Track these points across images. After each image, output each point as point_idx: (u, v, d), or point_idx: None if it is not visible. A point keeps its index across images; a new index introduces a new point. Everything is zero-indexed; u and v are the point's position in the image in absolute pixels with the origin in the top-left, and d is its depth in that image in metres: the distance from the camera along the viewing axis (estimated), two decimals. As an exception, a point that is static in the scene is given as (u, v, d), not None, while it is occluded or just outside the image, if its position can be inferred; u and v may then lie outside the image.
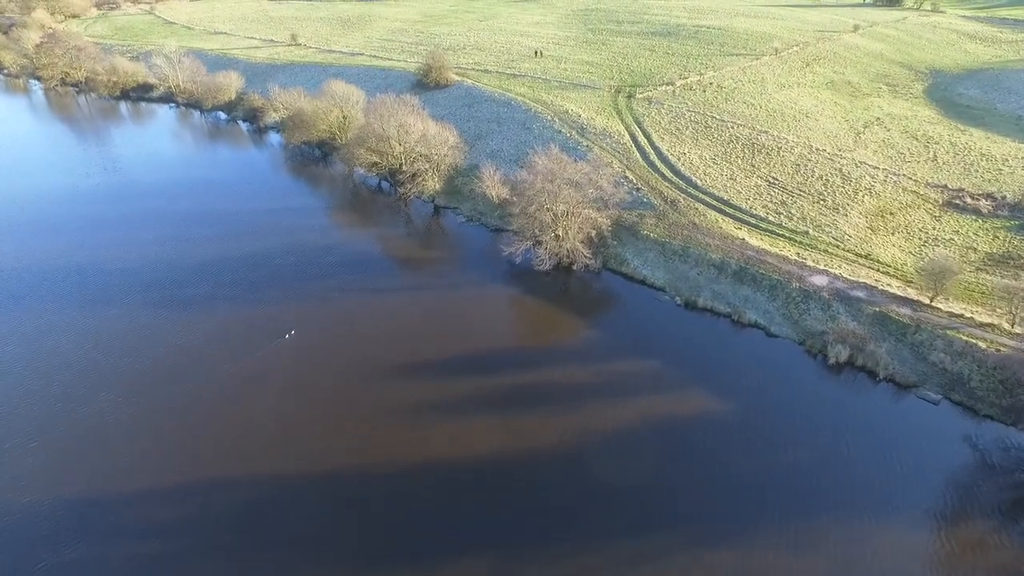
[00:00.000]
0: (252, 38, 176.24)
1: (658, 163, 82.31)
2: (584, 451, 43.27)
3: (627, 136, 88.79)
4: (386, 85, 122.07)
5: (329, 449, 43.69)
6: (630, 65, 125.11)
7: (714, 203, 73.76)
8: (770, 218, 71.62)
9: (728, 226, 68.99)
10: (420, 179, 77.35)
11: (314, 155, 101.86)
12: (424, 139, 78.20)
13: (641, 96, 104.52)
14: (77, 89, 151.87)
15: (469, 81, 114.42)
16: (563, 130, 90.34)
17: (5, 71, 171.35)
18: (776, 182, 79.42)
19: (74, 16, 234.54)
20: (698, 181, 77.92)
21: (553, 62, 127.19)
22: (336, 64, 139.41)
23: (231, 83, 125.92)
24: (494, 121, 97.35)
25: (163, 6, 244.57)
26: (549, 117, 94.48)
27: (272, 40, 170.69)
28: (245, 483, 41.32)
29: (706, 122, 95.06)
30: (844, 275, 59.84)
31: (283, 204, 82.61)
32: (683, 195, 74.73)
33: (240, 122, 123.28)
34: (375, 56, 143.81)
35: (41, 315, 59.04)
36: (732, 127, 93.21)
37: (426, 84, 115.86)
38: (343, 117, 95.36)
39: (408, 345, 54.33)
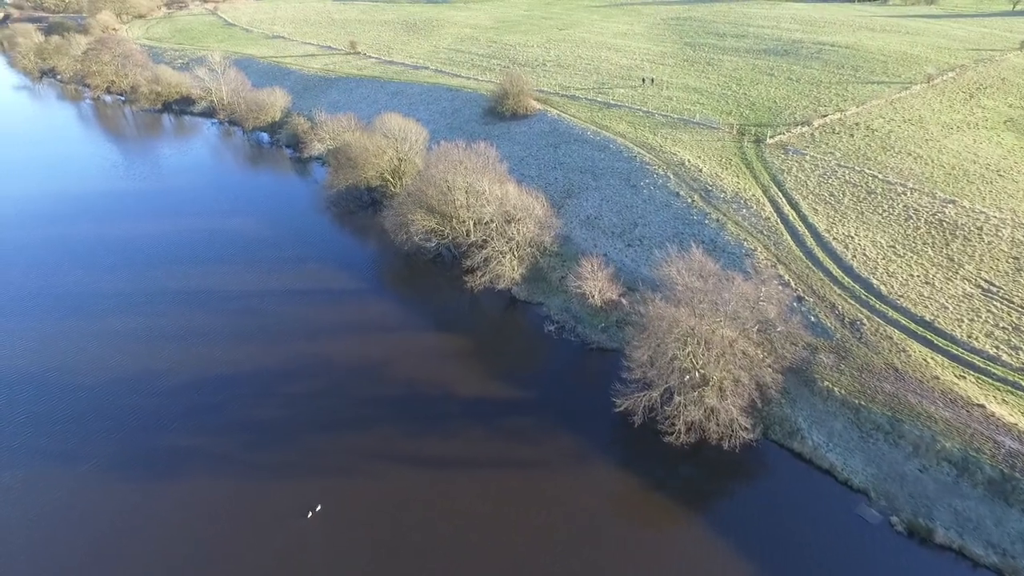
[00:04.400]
0: (309, 43, 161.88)
1: (817, 252, 59.84)
2: None
3: (768, 205, 66.43)
4: (452, 110, 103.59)
5: None
6: (748, 94, 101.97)
7: (913, 327, 50.98)
8: (1004, 357, 48.35)
9: (947, 374, 46.30)
10: (494, 264, 57.22)
11: (362, 200, 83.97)
12: (501, 207, 58.48)
13: (772, 141, 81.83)
14: (124, 99, 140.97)
15: (553, 111, 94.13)
16: (681, 192, 68.78)
17: (59, 76, 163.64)
18: (993, 289, 55.84)
19: (140, 16, 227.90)
20: (881, 287, 55.14)
21: (654, 88, 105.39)
22: (396, 79, 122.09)
23: (276, 101, 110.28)
24: (588, 172, 76.48)
25: (227, 5, 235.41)
26: (661, 171, 73.01)
27: (330, 47, 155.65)
28: None
29: (867, 184, 71.75)
30: None
31: (315, 283, 64.40)
32: (866, 312, 52.20)
33: (284, 147, 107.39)
34: (440, 71, 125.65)
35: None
36: (904, 193, 69.62)
37: (500, 113, 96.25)
38: (398, 160, 77.00)
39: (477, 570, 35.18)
